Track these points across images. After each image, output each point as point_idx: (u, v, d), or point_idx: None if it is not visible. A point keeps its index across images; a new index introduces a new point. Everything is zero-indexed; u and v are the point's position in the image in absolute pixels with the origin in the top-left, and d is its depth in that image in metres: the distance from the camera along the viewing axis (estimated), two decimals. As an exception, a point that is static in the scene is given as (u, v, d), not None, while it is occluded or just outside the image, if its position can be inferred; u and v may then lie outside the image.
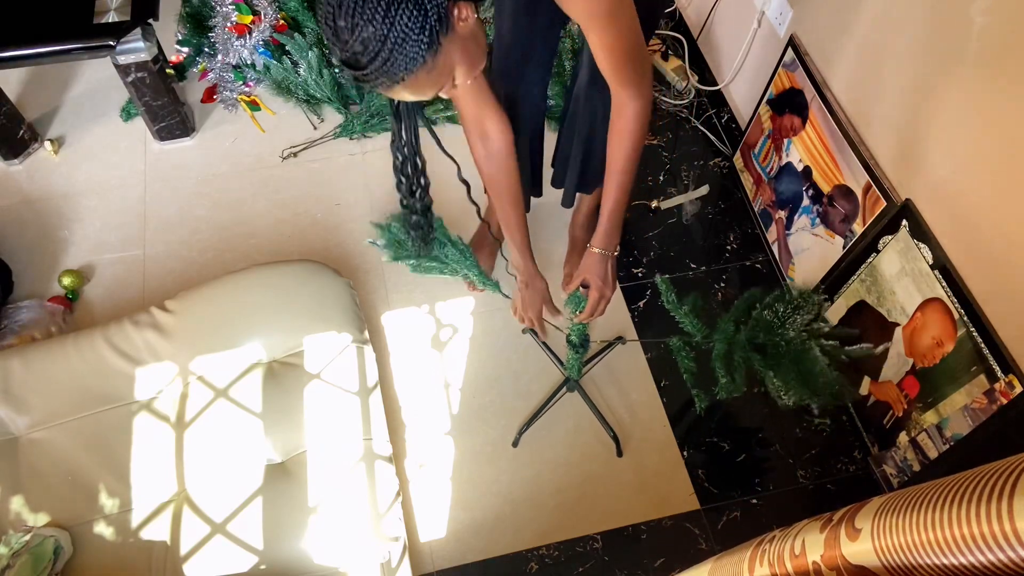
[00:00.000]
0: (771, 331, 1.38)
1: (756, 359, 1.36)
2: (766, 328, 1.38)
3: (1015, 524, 0.51)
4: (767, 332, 1.38)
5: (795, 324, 1.37)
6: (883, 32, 1.44)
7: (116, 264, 1.93)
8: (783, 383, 1.34)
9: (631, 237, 2.02)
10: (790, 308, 1.37)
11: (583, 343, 1.51)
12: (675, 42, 2.38)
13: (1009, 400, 1.26)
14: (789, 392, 1.34)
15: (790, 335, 1.36)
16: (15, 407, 1.39)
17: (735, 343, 1.37)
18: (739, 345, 1.37)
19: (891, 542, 0.63)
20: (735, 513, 1.64)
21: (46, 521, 1.30)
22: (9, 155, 2.06)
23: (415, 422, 1.73)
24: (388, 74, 0.89)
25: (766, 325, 1.38)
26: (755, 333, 1.38)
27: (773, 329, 1.38)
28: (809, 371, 1.33)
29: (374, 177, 2.09)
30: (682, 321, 1.39)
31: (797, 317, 1.37)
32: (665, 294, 1.38)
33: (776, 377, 1.34)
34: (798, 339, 1.36)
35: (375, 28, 0.84)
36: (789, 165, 1.81)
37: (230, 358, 1.47)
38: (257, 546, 1.31)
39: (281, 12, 2.19)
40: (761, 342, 1.37)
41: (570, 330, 1.47)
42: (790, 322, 1.37)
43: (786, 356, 1.36)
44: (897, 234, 1.46)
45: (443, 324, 1.87)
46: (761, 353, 1.37)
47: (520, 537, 1.59)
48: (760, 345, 1.38)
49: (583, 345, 1.52)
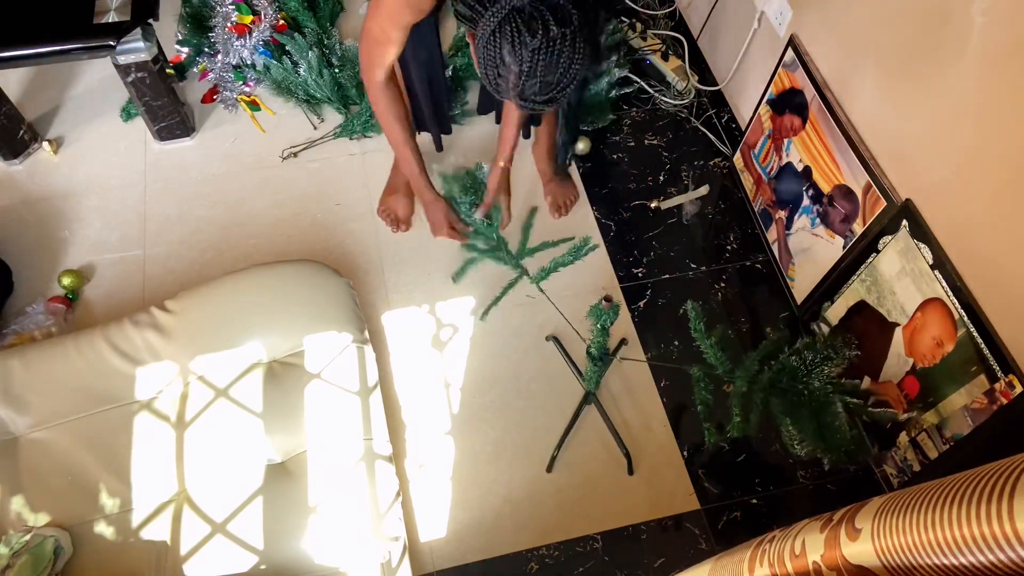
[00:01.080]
0: (795, 377, 1.34)
1: (776, 403, 1.33)
2: (791, 374, 1.34)
3: (1015, 524, 0.51)
4: (791, 378, 1.34)
5: (822, 374, 1.33)
6: (883, 32, 1.44)
7: (116, 264, 1.93)
8: (799, 432, 1.30)
9: (631, 237, 2.02)
10: (819, 357, 1.34)
11: (602, 356, 1.51)
12: (675, 42, 2.38)
13: (1009, 400, 1.26)
14: (803, 443, 1.30)
15: (814, 385, 1.33)
16: (15, 407, 1.39)
17: (756, 383, 1.34)
18: (760, 386, 1.34)
19: (891, 542, 0.63)
20: (735, 513, 1.64)
21: (46, 521, 1.30)
22: (9, 155, 2.05)
23: (415, 422, 1.73)
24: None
25: (791, 370, 1.34)
26: (779, 376, 1.34)
27: (798, 376, 1.34)
28: (828, 425, 1.30)
29: (374, 177, 2.09)
30: (706, 352, 1.36)
31: (825, 367, 1.33)
32: (694, 322, 1.35)
33: (793, 425, 1.31)
34: (822, 391, 1.32)
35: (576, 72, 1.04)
36: (789, 165, 1.81)
37: (230, 358, 1.47)
38: (257, 546, 1.31)
39: (281, 12, 2.18)
40: (784, 387, 1.34)
41: (590, 343, 1.48)
42: (817, 371, 1.33)
43: (807, 406, 1.32)
44: (897, 234, 1.46)
45: (443, 324, 1.87)
46: (781, 398, 1.34)
47: (520, 537, 1.59)
48: (782, 389, 1.34)
49: (603, 358, 1.52)
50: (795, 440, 1.31)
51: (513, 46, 1.00)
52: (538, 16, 0.99)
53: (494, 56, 1.03)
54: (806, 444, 1.30)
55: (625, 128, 2.24)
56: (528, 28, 0.99)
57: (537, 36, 0.99)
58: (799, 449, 1.31)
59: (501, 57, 1.02)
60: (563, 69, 1.01)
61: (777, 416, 1.33)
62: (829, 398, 1.32)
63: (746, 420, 1.32)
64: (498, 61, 1.03)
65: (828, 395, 1.32)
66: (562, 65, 1.01)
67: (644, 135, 2.22)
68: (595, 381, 1.63)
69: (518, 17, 0.99)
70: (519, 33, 0.99)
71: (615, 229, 2.04)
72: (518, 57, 1.00)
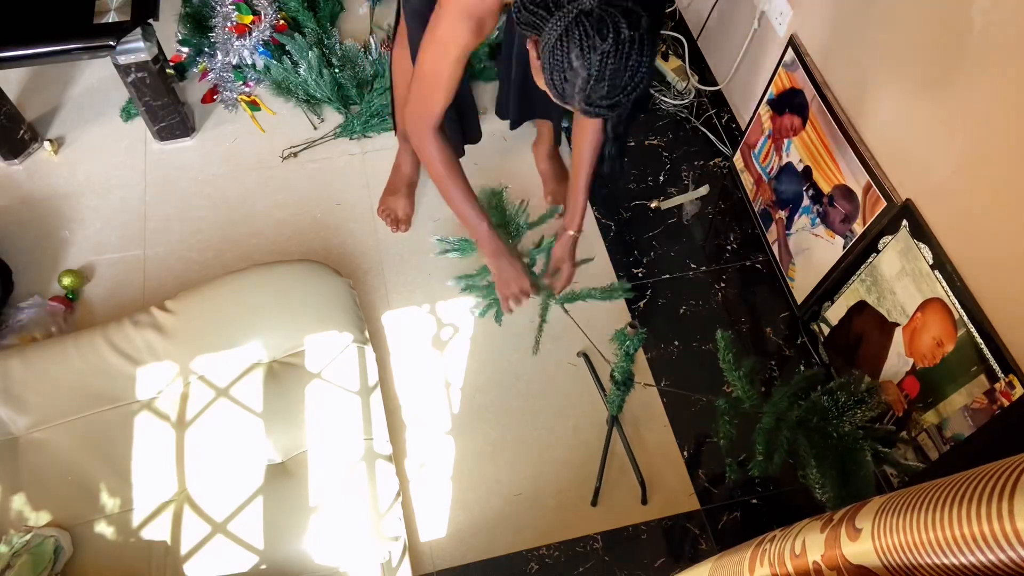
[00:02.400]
0: (825, 418, 1.28)
1: (803, 443, 1.26)
2: (821, 413, 1.28)
3: (1015, 524, 0.51)
4: (821, 418, 1.28)
5: (853, 418, 1.27)
6: (883, 32, 1.44)
7: (116, 264, 1.93)
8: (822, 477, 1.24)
9: (631, 237, 2.02)
10: (852, 400, 1.28)
11: (626, 381, 1.50)
12: (675, 42, 2.38)
13: (1010, 400, 1.26)
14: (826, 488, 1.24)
15: (844, 428, 1.27)
16: (15, 407, 1.39)
17: (784, 420, 1.27)
18: (788, 424, 1.27)
19: (891, 542, 0.63)
20: (735, 513, 1.64)
21: (46, 521, 1.30)
22: (9, 155, 2.05)
23: (415, 422, 1.73)
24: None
25: (822, 410, 1.28)
26: (809, 415, 1.28)
27: (828, 417, 1.28)
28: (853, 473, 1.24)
29: (374, 177, 2.09)
30: (733, 384, 1.29)
31: (858, 412, 1.28)
32: (723, 352, 1.30)
33: (817, 469, 1.24)
34: (852, 435, 1.26)
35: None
36: (789, 165, 1.81)
37: (230, 358, 1.47)
38: (258, 546, 1.31)
39: (281, 12, 2.19)
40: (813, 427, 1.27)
41: (614, 367, 1.47)
42: (849, 414, 1.27)
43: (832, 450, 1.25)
44: (897, 234, 1.46)
45: (443, 324, 1.87)
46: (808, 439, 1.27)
47: (520, 537, 1.59)
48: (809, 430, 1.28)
49: (626, 383, 1.51)
50: (817, 484, 1.25)
51: (582, 50, 0.98)
52: (608, 19, 0.98)
53: (561, 61, 1.01)
54: (827, 490, 1.24)
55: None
56: (598, 31, 0.98)
57: (608, 39, 0.97)
58: (820, 494, 1.24)
59: (569, 61, 1.00)
60: (631, 72, 1.00)
61: (803, 457, 1.26)
62: (859, 444, 1.26)
63: (769, 459, 1.26)
64: (565, 66, 1.01)
65: (858, 440, 1.26)
66: (631, 68, 1.00)
67: (644, 135, 2.22)
68: (617, 405, 1.61)
69: (586, 20, 0.98)
70: (588, 36, 0.98)
71: (615, 229, 2.04)
72: (587, 61, 0.99)
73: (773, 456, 1.26)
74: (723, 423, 1.31)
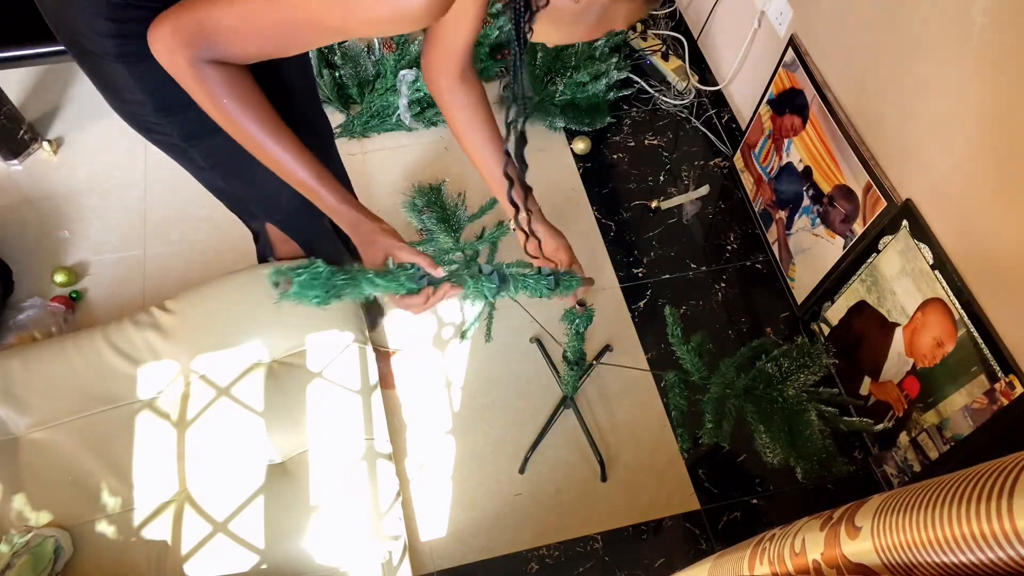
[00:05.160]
0: (771, 384, 1.33)
1: (749, 410, 1.32)
2: (766, 380, 1.33)
3: (1015, 523, 0.51)
4: (767, 385, 1.33)
5: (796, 382, 1.31)
6: (883, 32, 1.44)
7: (116, 264, 1.93)
8: (771, 440, 1.29)
9: (631, 237, 2.02)
10: (795, 365, 1.32)
11: (578, 360, 1.49)
12: (675, 42, 2.38)
13: (1010, 400, 1.26)
14: (776, 450, 1.29)
15: (789, 393, 1.31)
16: (15, 407, 1.39)
17: (731, 389, 1.33)
18: (735, 392, 1.33)
19: (891, 540, 0.63)
20: (735, 513, 1.64)
21: (47, 521, 1.30)
22: (9, 155, 2.06)
23: (416, 422, 1.73)
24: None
25: (767, 377, 1.33)
26: (754, 383, 1.33)
27: (773, 383, 1.33)
28: (800, 433, 1.29)
29: (374, 177, 2.09)
30: (682, 358, 1.35)
31: (800, 376, 1.32)
32: (671, 327, 1.34)
33: (766, 433, 1.30)
34: (796, 399, 1.31)
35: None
36: (789, 165, 1.81)
37: (231, 358, 1.47)
38: (258, 546, 1.31)
39: (281, 12, 2.18)
40: (758, 394, 1.33)
41: (565, 347, 1.44)
42: (792, 379, 1.31)
43: (779, 413, 1.31)
44: (897, 234, 1.46)
45: (444, 323, 1.87)
46: (755, 405, 1.32)
47: (520, 537, 1.60)
48: (756, 396, 1.33)
49: (578, 362, 1.50)
50: (767, 448, 1.30)
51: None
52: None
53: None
54: (779, 452, 1.29)
55: (625, 128, 2.24)
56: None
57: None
58: (771, 457, 1.30)
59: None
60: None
61: (751, 423, 1.31)
62: (803, 406, 1.30)
63: (718, 426, 1.31)
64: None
65: (802, 403, 1.30)
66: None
67: (644, 135, 2.22)
68: (572, 385, 1.59)
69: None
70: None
71: (615, 229, 2.04)
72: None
73: (722, 424, 1.31)
74: (673, 395, 1.35)
